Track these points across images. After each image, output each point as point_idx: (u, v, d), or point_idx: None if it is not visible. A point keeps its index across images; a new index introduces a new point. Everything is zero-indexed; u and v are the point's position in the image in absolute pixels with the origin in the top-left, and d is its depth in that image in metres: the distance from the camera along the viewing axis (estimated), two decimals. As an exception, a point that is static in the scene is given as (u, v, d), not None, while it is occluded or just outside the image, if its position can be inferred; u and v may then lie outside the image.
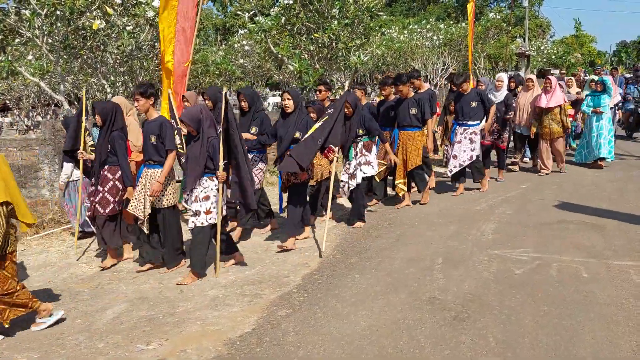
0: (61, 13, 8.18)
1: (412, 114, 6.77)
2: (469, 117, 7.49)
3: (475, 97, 7.51)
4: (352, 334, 3.61)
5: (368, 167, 6.35)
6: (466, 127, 7.51)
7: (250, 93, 6.14)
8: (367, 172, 6.36)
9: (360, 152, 6.33)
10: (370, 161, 6.35)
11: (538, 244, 5.30)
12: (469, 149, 7.44)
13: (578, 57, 36.63)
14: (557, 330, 3.51)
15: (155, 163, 5.03)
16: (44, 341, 3.76)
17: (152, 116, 5.10)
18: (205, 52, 16.36)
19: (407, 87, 6.82)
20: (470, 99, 7.51)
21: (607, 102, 9.27)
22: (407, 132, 6.84)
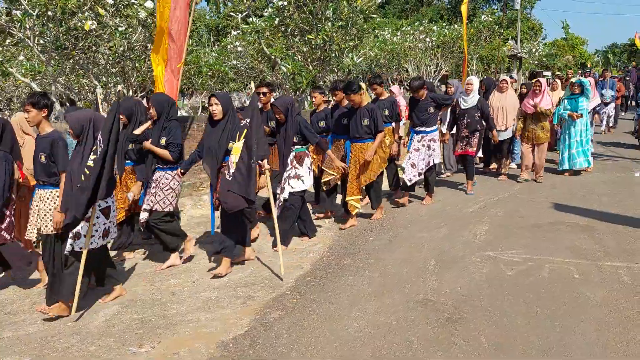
0: (53, 13, 8.14)
1: (364, 125, 6.20)
2: (426, 123, 7.11)
3: (431, 103, 7.09)
4: (346, 335, 3.61)
5: (297, 181, 5.66)
6: (424, 134, 7.12)
7: (159, 99, 5.19)
8: (296, 187, 5.64)
9: (290, 163, 5.70)
10: (300, 175, 5.68)
11: (530, 245, 5.33)
12: (427, 156, 7.07)
13: (569, 59, 36.90)
14: (548, 331, 3.53)
15: (44, 183, 4.39)
16: (35, 344, 3.73)
17: (45, 131, 4.37)
18: (198, 53, 16.30)
19: (359, 96, 6.19)
20: (426, 105, 7.09)
21: (585, 105, 8.84)
22: (359, 145, 6.28)
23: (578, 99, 8.85)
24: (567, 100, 8.98)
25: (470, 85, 7.78)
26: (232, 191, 4.63)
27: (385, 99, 7.29)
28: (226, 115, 4.94)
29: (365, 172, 6.27)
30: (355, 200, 6.32)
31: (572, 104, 8.87)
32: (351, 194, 6.31)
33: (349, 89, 6.20)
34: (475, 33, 21.99)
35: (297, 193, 5.66)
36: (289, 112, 5.57)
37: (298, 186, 5.66)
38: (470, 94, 7.76)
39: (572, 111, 8.77)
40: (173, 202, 5.12)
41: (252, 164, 4.61)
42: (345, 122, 6.50)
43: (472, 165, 7.87)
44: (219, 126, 4.94)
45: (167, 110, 5.11)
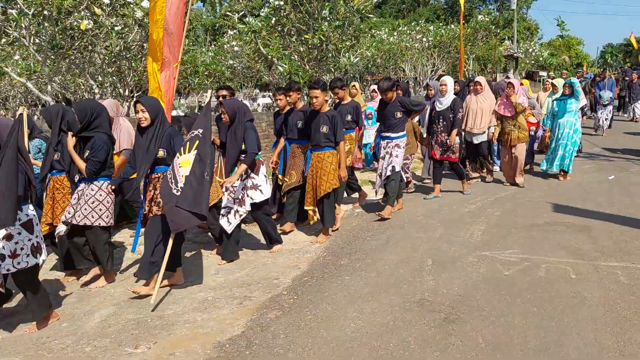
0: (49, 13, 8.10)
1: (323, 132, 5.72)
2: (392, 129, 6.57)
3: (400, 107, 6.55)
4: (342, 335, 3.60)
5: (255, 192, 5.25)
6: (388, 140, 6.59)
7: (80, 107, 4.61)
8: (256, 198, 5.25)
9: (246, 173, 5.28)
10: (257, 184, 5.26)
11: (526, 245, 5.33)
12: (389, 163, 6.55)
13: (566, 59, 37.02)
14: (545, 331, 3.53)
15: None
16: (30, 345, 3.71)
17: None
18: (195, 53, 16.29)
19: (324, 95, 5.77)
20: (394, 109, 6.56)
21: (573, 107, 8.48)
22: (317, 153, 5.80)
23: (567, 100, 8.53)
24: (556, 102, 8.70)
25: (445, 86, 7.40)
26: (180, 207, 4.19)
27: (347, 103, 6.97)
28: (155, 122, 4.45)
29: (321, 184, 5.73)
30: (312, 210, 5.96)
31: (561, 106, 8.58)
32: (308, 203, 5.92)
33: (316, 84, 5.73)
34: (472, 33, 22.02)
35: (259, 204, 5.31)
36: (237, 116, 5.14)
37: (258, 197, 5.26)
38: (445, 95, 7.37)
39: (560, 112, 8.47)
40: (104, 216, 4.59)
41: (205, 177, 4.29)
42: (301, 127, 6.12)
43: (459, 166, 7.63)
44: (146, 134, 4.47)
45: (88, 120, 4.54)
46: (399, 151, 6.56)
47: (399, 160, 6.56)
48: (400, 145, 6.58)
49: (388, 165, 6.54)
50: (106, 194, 4.65)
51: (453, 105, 7.30)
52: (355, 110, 6.94)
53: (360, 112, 7.04)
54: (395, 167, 6.50)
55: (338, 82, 6.95)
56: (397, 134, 6.58)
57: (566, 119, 8.47)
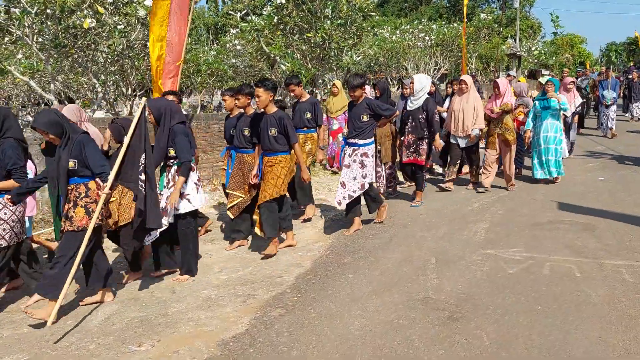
0: (52, 11, 8.12)
1: (272, 136, 5.23)
2: (359, 134, 5.88)
3: (366, 109, 5.87)
4: (346, 334, 3.59)
5: (182, 201, 4.67)
6: (355, 147, 5.91)
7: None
8: (182, 208, 4.67)
9: (172, 180, 4.75)
10: (184, 193, 4.68)
11: (530, 243, 5.32)
12: (360, 175, 5.86)
13: (568, 58, 36.93)
14: (550, 330, 3.52)
15: None
16: (34, 343, 3.71)
17: None
18: (197, 52, 16.29)
19: (268, 94, 5.19)
20: (360, 111, 5.87)
21: (557, 106, 7.96)
22: (268, 158, 5.32)
23: (550, 100, 8.00)
24: (538, 101, 8.16)
25: (412, 85, 6.91)
26: None
27: (305, 101, 6.54)
28: (63, 136, 4.04)
29: (267, 187, 5.23)
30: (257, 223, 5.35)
31: (543, 106, 8.08)
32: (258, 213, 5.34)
33: (260, 83, 5.20)
34: (475, 32, 21.99)
35: (185, 215, 4.74)
36: (163, 117, 4.66)
37: (184, 207, 4.69)
38: (416, 94, 6.87)
39: (545, 112, 7.99)
40: (6, 236, 4.13)
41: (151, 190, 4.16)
42: (247, 134, 5.61)
43: (421, 174, 7.04)
44: (57, 148, 4.09)
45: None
46: (367, 160, 5.87)
47: (370, 170, 5.89)
48: (369, 153, 5.90)
49: (357, 178, 5.88)
50: (11, 211, 4.16)
51: (426, 106, 6.81)
52: (314, 108, 6.49)
53: (320, 109, 6.58)
54: (367, 181, 5.90)
55: (293, 78, 6.56)
56: (364, 141, 5.88)
57: (549, 121, 8.00)
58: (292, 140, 5.27)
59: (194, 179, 4.81)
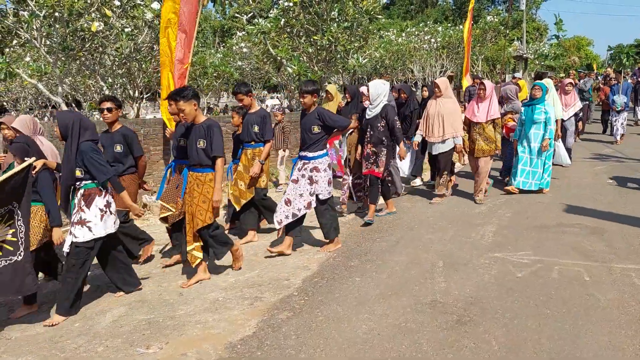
0: (60, 15, 8.17)
1: (200, 148, 4.64)
2: (310, 146, 5.40)
3: (317, 120, 5.37)
4: (354, 337, 3.59)
5: (82, 229, 4.18)
6: (305, 160, 5.43)
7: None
8: (80, 236, 4.17)
9: (78, 204, 4.26)
10: (86, 220, 4.19)
11: (538, 246, 5.29)
12: (307, 192, 5.37)
13: (575, 60, 36.80)
14: (559, 334, 3.50)
15: None
16: (43, 344, 3.73)
17: None
18: (204, 54, 16.36)
19: (190, 105, 4.59)
20: (310, 122, 5.39)
21: (542, 117, 7.39)
22: (195, 174, 4.74)
23: (535, 106, 7.44)
24: (524, 107, 7.65)
25: (370, 91, 6.35)
26: None
27: (254, 112, 5.91)
28: None
29: (198, 213, 4.68)
30: (196, 249, 4.79)
31: (528, 113, 7.53)
32: (190, 241, 4.80)
33: (178, 95, 4.63)
34: (481, 34, 21.95)
35: (82, 244, 4.19)
36: (70, 132, 4.18)
37: (83, 235, 4.18)
38: (373, 102, 6.34)
39: (530, 120, 7.47)
40: None
41: None
42: (182, 144, 5.19)
43: (376, 187, 6.41)
44: None
45: None
46: (319, 176, 5.37)
47: (321, 187, 5.38)
48: (320, 167, 5.38)
49: (304, 195, 5.38)
50: None
51: (384, 113, 6.26)
52: (263, 120, 5.85)
53: (269, 123, 5.91)
54: (319, 197, 5.40)
55: (242, 87, 5.89)
56: (314, 154, 5.39)
57: (534, 131, 7.48)
58: (215, 153, 4.61)
59: (100, 205, 4.28)
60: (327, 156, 5.47)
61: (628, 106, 13.16)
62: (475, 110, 7.11)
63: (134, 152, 5.31)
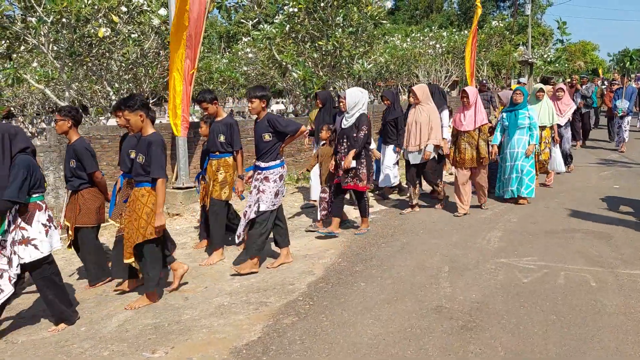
0: (67, 20, 8.24)
1: (139, 163, 4.36)
2: (262, 155, 5.14)
3: (268, 127, 5.08)
4: (359, 342, 3.58)
5: (26, 248, 3.87)
6: (258, 170, 5.17)
7: None
8: (27, 256, 3.88)
9: (14, 222, 3.92)
10: (30, 238, 3.89)
11: (545, 252, 5.27)
12: (253, 201, 5.10)
13: (581, 65, 36.73)
14: (566, 340, 3.48)
15: None
16: (49, 349, 3.75)
17: None
18: (209, 60, 16.44)
19: (136, 116, 4.28)
20: (261, 130, 5.11)
21: (526, 122, 7.13)
22: (136, 190, 4.43)
23: (518, 111, 7.19)
24: (506, 113, 7.37)
25: (344, 100, 6.03)
26: None
27: (220, 121, 5.55)
28: None
29: (130, 231, 4.39)
30: (134, 263, 4.47)
31: (511, 119, 7.26)
32: (127, 254, 4.43)
33: (123, 104, 4.41)
34: (486, 39, 21.95)
35: (36, 264, 3.96)
36: (1, 145, 3.83)
37: (30, 254, 3.89)
38: (350, 111, 6.02)
39: (513, 125, 7.21)
40: None
41: None
42: (133, 156, 4.85)
43: (364, 200, 6.25)
44: None
45: None
46: (267, 186, 5.07)
47: (266, 197, 5.05)
48: (270, 178, 5.08)
49: (251, 205, 5.12)
50: None
51: (358, 122, 5.98)
52: (230, 129, 5.52)
53: (237, 131, 5.59)
54: (257, 208, 5.07)
55: (206, 94, 5.54)
56: (267, 164, 5.11)
57: (517, 137, 7.23)
58: (154, 174, 4.28)
59: (42, 220, 3.99)
60: (281, 167, 5.18)
61: (631, 111, 12.57)
62: (462, 119, 6.82)
63: (86, 168, 4.93)
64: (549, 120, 8.23)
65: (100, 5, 8.22)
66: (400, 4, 54.23)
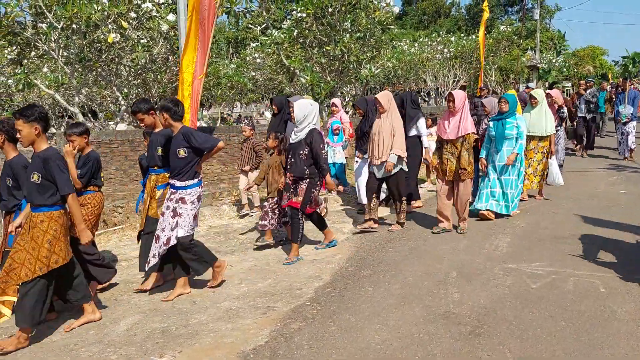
0: (77, 27, 8.33)
1: (33, 183, 3.89)
2: (177, 174, 4.62)
3: (182, 142, 4.58)
4: (367, 347, 3.57)
5: None
6: (173, 189, 4.65)
7: None
8: None
9: None
10: None
11: (553, 257, 5.24)
12: (169, 226, 4.56)
13: (590, 70, 36.54)
14: (575, 346, 3.45)
15: None
16: (58, 352, 3.77)
17: None
18: (217, 65, 16.53)
19: (30, 127, 3.84)
20: (176, 145, 4.60)
21: (514, 132, 6.59)
22: (33, 216, 3.94)
23: (505, 120, 6.63)
24: (493, 122, 6.82)
25: (295, 112, 5.50)
26: None
27: (159, 132, 4.95)
28: None
29: (19, 263, 3.86)
30: (6, 303, 3.95)
31: (498, 128, 6.69)
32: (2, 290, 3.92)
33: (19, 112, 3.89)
34: (494, 44, 21.91)
35: None
36: None
37: None
38: (299, 125, 5.50)
39: (500, 136, 6.67)
40: None
41: None
42: None
43: (297, 221, 5.54)
44: None
45: None
46: (184, 209, 4.57)
47: (184, 221, 4.56)
48: (187, 199, 4.58)
49: (165, 228, 4.57)
50: None
51: (310, 139, 5.43)
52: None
53: None
54: (179, 232, 4.56)
55: (141, 104, 4.97)
56: (183, 183, 4.60)
57: (506, 148, 6.69)
58: (63, 191, 3.90)
59: None
60: (198, 187, 4.68)
61: (635, 117, 11.75)
62: (446, 126, 6.16)
63: None
64: (545, 130, 7.57)
65: (109, 12, 8.30)
66: (408, 9, 54.31)
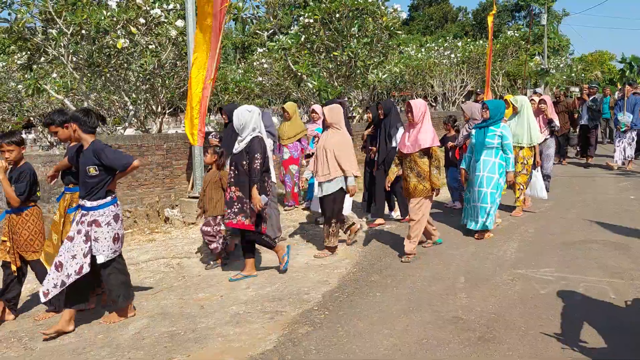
0: (86, 32, 8.39)
1: None
2: (88, 193, 4.13)
3: (93, 159, 4.09)
4: (375, 353, 3.56)
5: None
6: (84, 211, 4.14)
7: None
8: None
9: None
10: None
11: (562, 263, 5.21)
12: (81, 252, 4.08)
13: (598, 75, 36.39)
14: (585, 352, 3.42)
15: None
16: (66, 356, 3.77)
17: None
18: (225, 70, 16.59)
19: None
20: (85, 163, 4.12)
21: (495, 140, 6.07)
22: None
23: (488, 129, 6.13)
24: (475, 130, 6.31)
25: (234, 122, 5.08)
26: None
27: (75, 146, 4.44)
28: None
29: None
30: None
31: (479, 137, 6.19)
32: None
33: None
34: (502, 49, 21.89)
35: None
36: None
37: None
38: (241, 134, 5.06)
39: (480, 145, 6.17)
40: None
41: None
42: None
43: (251, 243, 5.24)
44: None
45: None
46: (99, 232, 4.11)
47: (102, 245, 4.12)
48: (101, 221, 4.11)
49: (76, 255, 4.07)
50: None
51: (249, 148, 4.99)
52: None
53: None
54: (98, 258, 4.13)
55: (55, 115, 4.51)
56: (94, 203, 4.12)
57: (484, 158, 6.15)
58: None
59: None
60: (112, 205, 4.20)
61: (636, 125, 10.96)
62: (405, 139, 5.59)
63: None
64: (526, 140, 7.06)
65: (119, 18, 8.36)
66: (415, 15, 54.35)
